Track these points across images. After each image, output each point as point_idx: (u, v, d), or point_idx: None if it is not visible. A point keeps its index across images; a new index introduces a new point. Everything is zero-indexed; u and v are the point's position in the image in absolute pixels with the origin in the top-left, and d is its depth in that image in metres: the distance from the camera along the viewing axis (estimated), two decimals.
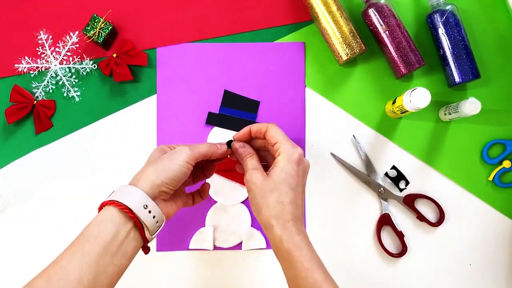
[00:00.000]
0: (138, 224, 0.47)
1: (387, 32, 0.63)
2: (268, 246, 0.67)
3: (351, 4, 0.68)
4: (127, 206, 0.46)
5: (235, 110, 0.68)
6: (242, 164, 0.55)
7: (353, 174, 0.67)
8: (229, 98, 0.68)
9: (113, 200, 0.46)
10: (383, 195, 0.67)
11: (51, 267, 0.43)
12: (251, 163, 0.54)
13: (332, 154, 0.68)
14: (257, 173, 0.52)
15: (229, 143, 0.57)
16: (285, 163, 0.51)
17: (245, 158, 0.55)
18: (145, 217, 0.47)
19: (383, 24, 0.63)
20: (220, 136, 0.67)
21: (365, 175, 0.67)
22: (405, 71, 0.64)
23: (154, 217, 0.48)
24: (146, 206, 0.47)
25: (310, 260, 0.48)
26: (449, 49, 0.64)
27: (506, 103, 0.67)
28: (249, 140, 0.58)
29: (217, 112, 0.68)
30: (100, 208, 0.47)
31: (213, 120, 0.68)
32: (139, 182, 0.48)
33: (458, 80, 0.64)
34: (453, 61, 0.64)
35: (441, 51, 0.65)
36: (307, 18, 0.68)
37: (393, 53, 0.64)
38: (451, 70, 0.64)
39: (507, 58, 0.67)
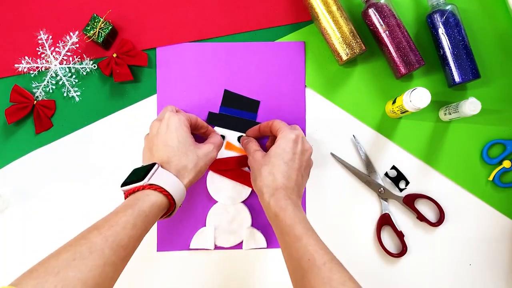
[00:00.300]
0: (168, 211, 0.54)
1: (387, 32, 0.63)
2: (269, 245, 0.67)
3: (351, 4, 0.68)
4: (174, 202, 0.52)
5: (235, 110, 0.68)
6: (247, 153, 0.62)
7: (353, 174, 0.67)
8: (229, 98, 0.68)
9: (168, 192, 0.52)
10: (383, 195, 0.67)
11: (106, 227, 0.46)
12: (253, 147, 0.62)
13: (332, 154, 0.68)
14: (258, 153, 0.60)
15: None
16: (281, 141, 0.58)
17: (249, 145, 0.63)
18: (176, 209, 0.54)
19: (383, 24, 0.63)
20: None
21: (365, 175, 0.67)
22: (405, 71, 0.64)
23: (180, 205, 0.55)
24: (181, 204, 0.55)
25: (293, 218, 0.52)
26: (449, 49, 0.64)
27: (506, 103, 0.67)
28: (259, 138, 0.67)
29: (217, 112, 0.68)
30: (151, 187, 0.51)
31: (213, 120, 0.68)
32: (184, 178, 0.54)
33: (458, 80, 0.64)
34: (453, 61, 0.64)
35: (441, 51, 0.65)
36: (307, 18, 0.68)
37: (393, 53, 0.64)
38: (451, 70, 0.64)
39: (507, 58, 0.68)
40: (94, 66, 0.68)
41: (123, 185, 0.53)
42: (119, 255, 0.45)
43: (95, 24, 0.65)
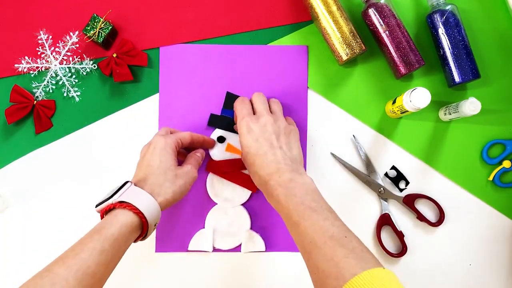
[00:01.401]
0: (143, 233, 0.52)
1: (387, 32, 0.63)
2: (267, 249, 0.67)
3: (351, 4, 0.68)
4: (147, 221, 0.51)
5: None
6: None
7: (353, 174, 0.67)
8: (231, 100, 0.67)
9: (138, 210, 0.50)
10: (383, 195, 0.67)
11: (71, 257, 0.45)
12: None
13: (332, 154, 0.68)
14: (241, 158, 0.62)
15: (220, 139, 0.66)
16: (240, 139, 0.59)
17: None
18: (151, 230, 0.53)
19: (383, 24, 0.63)
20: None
21: (365, 175, 0.67)
22: (405, 71, 0.64)
23: (155, 225, 0.54)
24: (156, 224, 0.53)
25: (286, 206, 0.52)
26: (449, 49, 0.64)
27: (506, 103, 0.67)
28: None
29: (219, 114, 0.68)
30: (121, 205, 0.50)
31: (214, 121, 0.67)
32: (159, 196, 0.53)
33: (458, 80, 0.64)
34: (453, 61, 0.64)
35: (441, 51, 0.65)
36: (307, 18, 0.68)
37: (393, 53, 0.64)
38: (451, 70, 0.64)
39: (507, 58, 0.68)
40: (94, 66, 0.68)
41: (97, 206, 0.52)
42: (86, 283, 0.44)
43: (95, 24, 0.65)
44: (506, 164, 0.66)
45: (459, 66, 0.64)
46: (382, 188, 0.67)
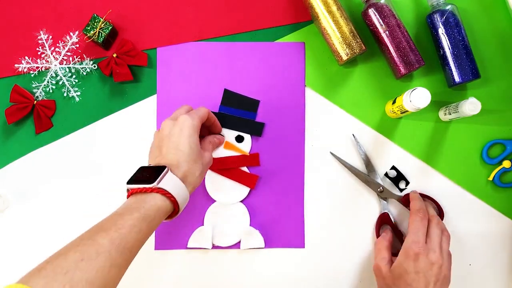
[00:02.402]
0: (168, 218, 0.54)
1: (387, 32, 0.63)
2: (267, 245, 0.67)
3: (351, 4, 0.68)
4: (178, 206, 0.53)
5: (235, 109, 0.68)
6: (374, 254, 0.64)
7: (353, 173, 0.67)
8: (229, 97, 0.68)
9: (174, 198, 0.52)
10: (383, 194, 0.67)
11: (113, 230, 0.46)
12: (381, 254, 0.61)
13: (332, 154, 0.68)
14: (383, 264, 0.60)
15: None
16: (402, 258, 0.57)
17: (378, 246, 0.63)
18: (180, 212, 0.54)
19: (383, 24, 0.63)
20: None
21: (365, 174, 0.67)
22: (404, 71, 0.64)
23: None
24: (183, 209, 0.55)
25: None
26: (449, 49, 0.64)
27: (506, 103, 0.67)
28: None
29: (217, 111, 0.68)
30: (160, 191, 0.51)
31: None
32: (189, 185, 0.54)
33: (458, 80, 0.64)
34: (453, 61, 0.64)
35: (441, 51, 0.65)
36: (307, 18, 0.68)
37: (393, 53, 0.64)
38: (451, 70, 0.64)
39: (507, 58, 0.67)
40: (94, 66, 0.68)
41: (129, 182, 0.53)
42: (124, 257, 0.46)
43: (95, 24, 0.65)
44: (506, 164, 0.66)
45: (459, 66, 0.64)
46: (381, 188, 0.67)
